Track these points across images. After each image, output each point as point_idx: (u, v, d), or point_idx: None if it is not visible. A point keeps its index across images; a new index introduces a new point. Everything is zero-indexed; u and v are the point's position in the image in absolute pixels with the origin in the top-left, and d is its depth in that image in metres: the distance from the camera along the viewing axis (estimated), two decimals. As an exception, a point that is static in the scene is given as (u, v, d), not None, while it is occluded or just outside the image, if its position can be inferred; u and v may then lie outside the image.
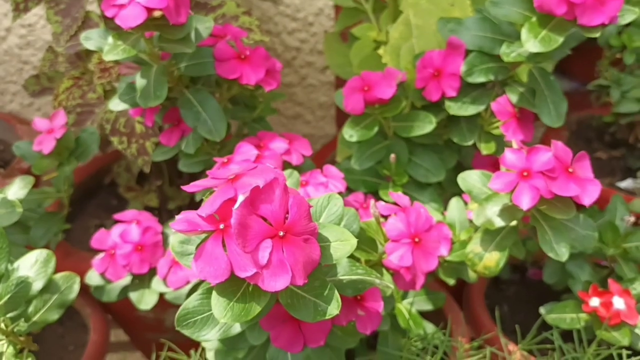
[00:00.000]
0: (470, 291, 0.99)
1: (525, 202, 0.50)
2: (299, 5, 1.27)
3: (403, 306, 0.75)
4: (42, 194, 0.84)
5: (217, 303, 0.39)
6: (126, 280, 0.73)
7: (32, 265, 0.60)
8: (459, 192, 0.75)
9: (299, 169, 0.71)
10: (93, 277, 0.72)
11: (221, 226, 0.38)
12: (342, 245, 0.42)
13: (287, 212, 0.39)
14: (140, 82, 0.61)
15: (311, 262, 0.39)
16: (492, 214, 0.54)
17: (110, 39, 0.56)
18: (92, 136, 0.79)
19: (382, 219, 0.55)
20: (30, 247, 0.79)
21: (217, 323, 0.43)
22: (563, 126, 1.22)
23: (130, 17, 0.54)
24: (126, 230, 0.70)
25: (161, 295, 0.71)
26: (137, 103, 0.61)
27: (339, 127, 1.43)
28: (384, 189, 0.73)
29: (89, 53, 0.91)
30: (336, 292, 0.41)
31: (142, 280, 0.73)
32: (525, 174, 0.51)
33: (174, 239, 0.44)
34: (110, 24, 0.87)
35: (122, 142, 0.81)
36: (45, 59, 0.94)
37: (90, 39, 0.60)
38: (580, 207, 0.82)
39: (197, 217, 0.38)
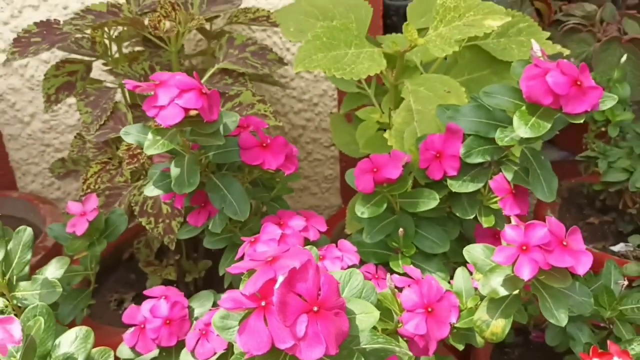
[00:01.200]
0: (477, 356, 1.04)
1: (526, 273, 0.56)
2: (305, 87, 1.36)
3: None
4: (71, 272, 0.89)
5: (259, 372, 0.44)
6: (154, 353, 0.78)
7: (73, 342, 0.64)
8: (462, 262, 0.81)
9: (316, 244, 0.77)
10: (124, 351, 0.76)
11: (262, 303, 0.44)
12: (366, 317, 0.48)
13: (320, 289, 0.44)
14: (174, 170, 0.67)
15: (342, 333, 0.44)
16: (496, 284, 0.60)
17: (150, 135, 0.64)
18: (121, 217, 0.86)
19: (396, 290, 0.61)
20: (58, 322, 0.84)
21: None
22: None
23: (170, 116, 0.61)
24: (155, 305, 0.75)
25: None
26: (170, 189, 0.68)
27: (343, 199, 1.50)
28: (394, 260, 0.79)
29: (115, 140, 0.99)
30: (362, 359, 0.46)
31: (169, 353, 0.77)
32: (524, 247, 0.57)
33: (216, 315, 0.49)
34: (136, 111, 0.95)
35: (150, 222, 0.87)
36: (74, 145, 1.01)
37: (130, 134, 0.68)
38: (575, 275, 0.88)
39: (241, 295, 0.44)
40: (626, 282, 0.86)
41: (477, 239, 0.83)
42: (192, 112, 0.62)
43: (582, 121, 0.66)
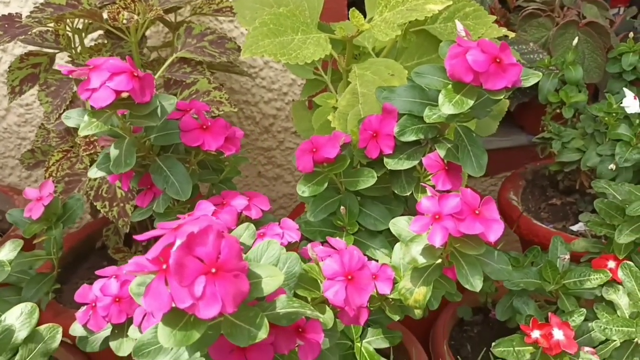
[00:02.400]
0: (436, 333, 1.06)
1: (438, 240, 0.58)
2: (274, 77, 1.39)
3: (361, 344, 0.82)
4: (34, 256, 0.92)
5: (162, 331, 0.47)
6: (107, 331, 0.81)
7: (18, 317, 0.68)
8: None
9: (260, 222, 0.79)
10: (77, 329, 0.79)
11: (164, 267, 0.46)
12: (272, 280, 0.50)
13: (220, 253, 0.47)
14: (113, 152, 0.70)
15: (240, 294, 0.47)
16: (415, 253, 0.62)
17: (85, 117, 0.66)
18: (78, 202, 0.89)
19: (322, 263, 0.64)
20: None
21: (168, 352, 0.51)
22: (520, 176, 1.32)
23: (101, 98, 0.64)
24: (106, 284, 0.78)
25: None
26: (110, 171, 0.71)
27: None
28: (339, 236, 0.81)
29: (76, 129, 1.01)
30: (266, 320, 0.49)
31: (120, 330, 0.80)
32: (437, 217, 0.60)
33: (133, 282, 0.52)
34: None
35: (104, 206, 0.90)
36: (39, 135, 1.05)
37: (70, 117, 0.71)
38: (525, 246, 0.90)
39: (145, 260, 0.47)
40: (568, 256, 0.88)
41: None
42: (124, 94, 0.65)
43: (501, 97, 0.69)
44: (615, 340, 0.85)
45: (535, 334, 0.82)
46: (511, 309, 0.95)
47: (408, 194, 0.79)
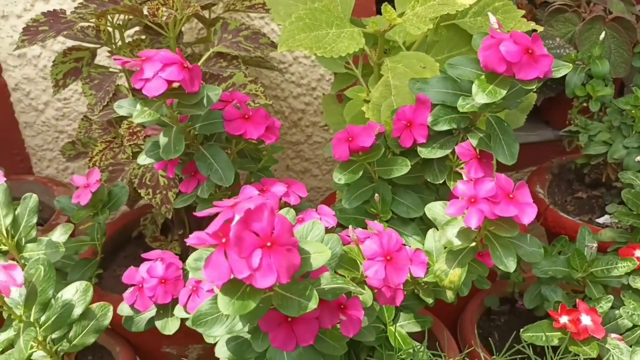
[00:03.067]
0: (464, 321, 1.09)
1: (473, 222, 0.61)
2: (303, 72, 1.42)
3: (395, 328, 0.85)
4: (79, 242, 0.97)
5: (222, 300, 0.51)
6: (152, 312, 0.85)
7: (74, 294, 0.72)
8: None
9: (297, 208, 0.83)
10: (124, 309, 0.84)
11: (223, 240, 0.50)
12: (319, 256, 0.54)
13: (274, 229, 0.51)
14: (163, 139, 0.74)
15: (293, 266, 0.51)
16: (451, 236, 0.65)
17: (138, 106, 0.70)
18: (122, 190, 0.93)
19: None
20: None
21: (223, 322, 0.54)
22: (546, 169, 1.34)
23: (154, 87, 0.68)
24: (152, 266, 0.82)
25: (182, 322, 0.83)
26: (160, 157, 0.75)
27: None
28: (372, 224, 0.85)
29: (118, 120, 1.06)
30: (315, 292, 0.52)
31: (165, 311, 0.84)
32: (473, 200, 0.63)
33: (190, 257, 0.56)
34: (137, 94, 1.03)
35: (148, 193, 0.94)
36: (81, 127, 1.09)
37: (122, 107, 0.75)
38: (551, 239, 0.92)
39: (205, 234, 0.51)
40: (596, 244, 0.91)
41: (451, 204, 0.88)
42: (175, 84, 0.69)
43: (533, 87, 0.71)
44: (640, 328, 0.88)
45: (564, 319, 0.84)
46: (539, 297, 0.97)
47: (441, 181, 0.82)
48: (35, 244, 0.77)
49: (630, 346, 0.86)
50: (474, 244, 0.68)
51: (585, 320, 0.83)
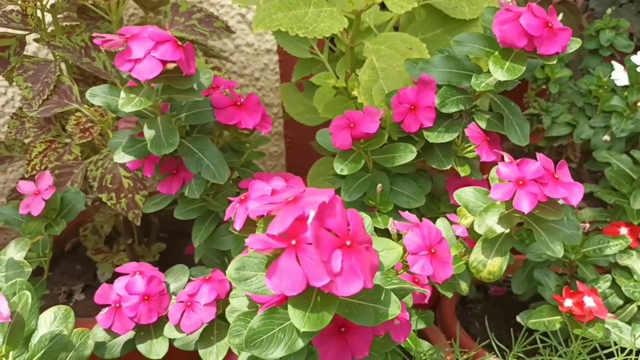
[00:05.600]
0: (444, 312, 1.05)
1: (526, 206, 0.57)
2: (245, 62, 1.33)
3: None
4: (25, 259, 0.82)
5: (295, 314, 0.42)
6: (129, 334, 0.73)
7: (52, 322, 0.59)
8: (435, 216, 0.82)
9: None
10: (98, 334, 0.71)
11: (293, 242, 0.41)
12: (389, 253, 0.46)
13: (348, 224, 0.43)
14: (149, 132, 0.63)
15: (374, 267, 0.43)
16: (492, 223, 0.60)
17: (122, 94, 0.59)
18: (77, 195, 0.80)
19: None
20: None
21: (281, 341, 0.45)
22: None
23: (147, 69, 0.57)
24: (131, 281, 0.71)
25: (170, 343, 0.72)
26: (144, 154, 0.64)
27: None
28: (373, 217, 0.78)
29: (59, 117, 0.92)
30: (393, 294, 0.45)
31: (147, 332, 0.73)
32: (520, 182, 0.58)
33: (230, 267, 0.46)
34: (81, 86, 0.89)
35: (111, 197, 0.81)
36: (11, 126, 0.93)
37: (96, 96, 0.63)
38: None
39: (268, 237, 0.42)
40: (587, 225, 0.90)
41: (450, 192, 0.83)
42: (170, 66, 0.59)
43: (554, 62, 0.68)
44: (633, 305, 0.88)
45: (568, 302, 0.82)
46: (527, 282, 0.95)
47: (447, 167, 0.77)
48: (-9, 266, 0.63)
49: (629, 323, 0.86)
50: (508, 230, 0.63)
51: (589, 302, 0.82)
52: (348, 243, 0.42)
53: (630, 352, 0.76)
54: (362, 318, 0.45)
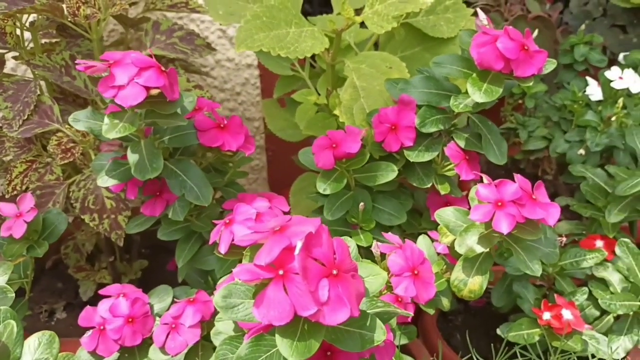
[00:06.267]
0: (425, 325, 1.07)
1: (505, 227, 0.58)
2: (226, 77, 1.33)
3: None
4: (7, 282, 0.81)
5: (282, 344, 0.42)
6: (113, 356, 0.73)
7: (37, 348, 0.59)
8: (416, 233, 0.83)
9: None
10: (82, 356, 0.71)
11: (280, 272, 0.42)
12: (374, 279, 0.47)
13: (334, 253, 0.44)
14: (132, 157, 0.63)
15: (360, 294, 0.44)
16: (472, 243, 0.62)
17: (106, 120, 0.59)
18: (59, 216, 0.79)
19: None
20: None
21: (269, 368, 0.46)
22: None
23: (131, 96, 0.57)
24: (115, 304, 0.71)
25: (155, 365, 0.72)
26: (128, 177, 0.64)
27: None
28: (355, 235, 0.79)
29: (40, 136, 0.91)
30: (378, 320, 0.46)
31: (131, 354, 0.73)
32: (499, 204, 0.59)
33: (217, 295, 0.47)
34: (62, 105, 0.89)
35: (94, 218, 0.81)
36: (-10, 146, 0.92)
37: (79, 121, 0.63)
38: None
39: (255, 267, 0.42)
40: (564, 239, 0.92)
41: (431, 209, 0.85)
42: (154, 92, 0.59)
43: (530, 84, 0.70)
44: (609, 316, 0.90)
45: (546, 315, 0.84)
46: (506, 295, 0.97)
47: (428, 185, 0.78)
48: (-27, 292, 0.63)
49: (605, 334, 0.88)
50: (488, 249, 0.65)
51: (567, 314, 0.84)
52: (334, 272, 0.43)
53: (607, 364, 0.78)
54: (349, 344, 0.45)
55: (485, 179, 0.63)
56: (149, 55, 0.59)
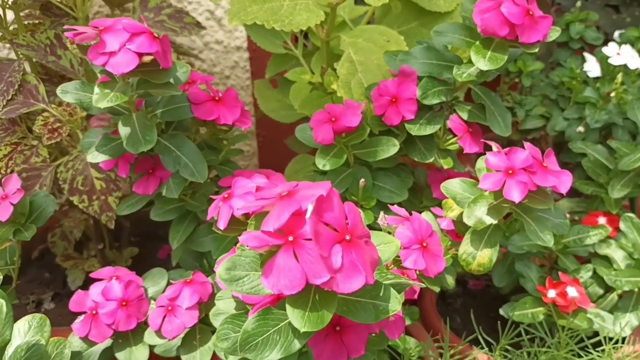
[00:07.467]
0: (425, 307, 1.04)
1: (516, 195, 0.56)
2: (215, 60, 1.30)
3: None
4: (-9, 268, 0.78)
5: (294, 314, 0.40)
6: (106, 343, 0.70)
7: (27, 332, 0.56)
8: (418, 210, 0.81)
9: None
10: (74, 343, 0.68)
11: (290, 238, 0.39)
12: (387, 247, 0.45)
13: (346, 218, 0.41)
14: (124, 130, 0.60)
15: (374, 261, 0.41)
16: (481, 214, 0.59)
17: (97, 89, 0.56)
18: (47, 199, 0.76)
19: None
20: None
21: (276, 343, 0.43)
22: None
23: (122, 63, 0.54)
24: (107, 287, 0.67)
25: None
26: (120, 152, 0.61)
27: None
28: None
29: (25, 118, 0.88)
30: (392, 289, 0.43)
31: (125, 339, 0.70)
32: (510, 172, 0.57)
33: (221, 268, 0.44)
34: (47, 86, 0.85)
35: (83, 200, 0.78)
36: (-28, 128, 0.89)
37: (67, 92, 0.60)
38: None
39: (263, 234, 0.40)
40: (569, 216, 0.90)
41: (432, 185, 0.82)
42: (146, 59, 0.56)
43: (536, 51, 0.67)
44: (613, 293, 0.88)
45: (552, 293, 0.82)
46: (508, 275, 0.95)
47: (430, 160, 0.76)
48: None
49: (610, 312, 0.86)
50: (497, 221, 0.62)
51: (572, 292, 0.82)
52: (347, 237, 0.40)
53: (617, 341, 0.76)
54: (362, 315, 0.43)
55: (495, 147, 0.60)
56: (140, 21, 0.56)
